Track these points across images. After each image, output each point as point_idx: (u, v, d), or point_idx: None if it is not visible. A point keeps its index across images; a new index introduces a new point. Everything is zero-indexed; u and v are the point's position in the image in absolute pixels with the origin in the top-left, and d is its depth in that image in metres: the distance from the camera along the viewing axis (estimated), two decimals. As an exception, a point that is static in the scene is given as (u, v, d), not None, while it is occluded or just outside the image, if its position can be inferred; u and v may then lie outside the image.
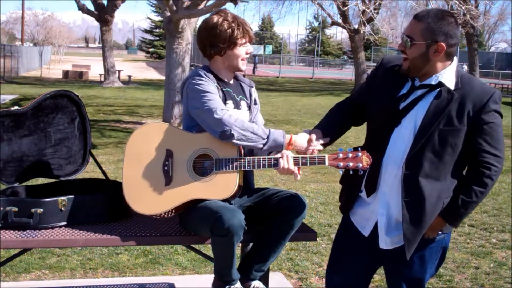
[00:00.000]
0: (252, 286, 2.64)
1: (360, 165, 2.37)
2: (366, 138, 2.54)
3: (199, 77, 2.61)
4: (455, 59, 2.38)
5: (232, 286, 2.56)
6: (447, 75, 2.33)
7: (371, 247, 2.49)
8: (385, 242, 2.45)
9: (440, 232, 2.45)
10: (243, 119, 2.53)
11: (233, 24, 2.64)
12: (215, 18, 2.66)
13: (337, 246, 2.64)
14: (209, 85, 2.60)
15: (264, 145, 2.49)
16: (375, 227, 2.47)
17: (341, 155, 2.41)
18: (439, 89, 2.32)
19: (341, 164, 2.40)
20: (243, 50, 2.69)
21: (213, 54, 2.68)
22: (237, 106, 2.73)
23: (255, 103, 2.85)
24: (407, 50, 2.31)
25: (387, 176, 2.39)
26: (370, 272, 2.63)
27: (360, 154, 2.37)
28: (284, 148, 2.52)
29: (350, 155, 2.39)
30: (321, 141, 2.50)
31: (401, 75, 2.39)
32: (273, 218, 2.59)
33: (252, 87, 2.88)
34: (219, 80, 2.71)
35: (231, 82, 2.78)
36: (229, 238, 2.39)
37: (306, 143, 2.50)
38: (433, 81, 2.33)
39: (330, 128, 2.56)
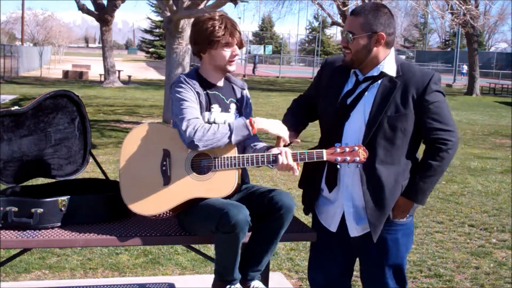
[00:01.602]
0: (251, 286, 2.63)
1: (357, 158, 2.42)
2: (321, 136, 2.67)
3: (179, 83, 2.61)
4: (393, 48, 2.53)
5: (233, 286, 2.54)
6: (388, 64, 2.48)
7: (342, 241, 2.62)
8: (356, 230, 2.58)
9: (408, 215, 2.59)
10: (203, 124, 2.50)
11: (216, 22, 2.59)
12: (202, 17, 2.64)
13: (313, 245, 2.78)
14: (187, 92, 2.58)
15: (230, 137, 2.49)
16: (342, 221, 2.59)
17: (338, 150, 2.45)
18: (382, 79, 2.46)
19: (339, 158, 2.44)
20: (228, 52, 2.64)
21: (197, 52, 2.67)
22: (225, 109, 2.70)
23: (247, 105, 2.82)
24: (350, 45, 2.45)
25: (347, 169, 2.52)
26: (349, 265, 2.76)
27: (356, 148, 2.42)
28: (250, 131, 2.52)
29: (347, 149, 2.43)
30: (289, 141, 2.62)
31: (345, 73, 2.55)
32: (264, 218, 2.54)
33: (244, 89, 2.83)
34: (206, 83, 2.68)
35: (221, 84, 2.74)
36: (235, 235, 2.37)
37: (271, 126, 2.55)
38: (375, 72, 2.48)
39: (298, 125, 2.71)
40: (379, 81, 2.47)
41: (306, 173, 2.73)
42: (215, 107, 2.67)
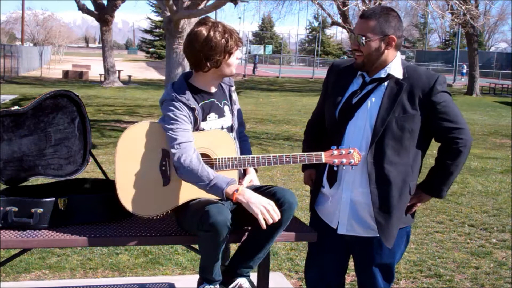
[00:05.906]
0: (236, 282, 2.60)
1: (353, 161, 2.49)
2: (325, 134, 2.71)
3: (172, 101, 2.56)
4: (399, 52, 2.58)
5: (207, 286, 2.53)
6: (395, 66, 2.53)
7: (339, 237, 2.66)
8: (346, 228, 2.62)
9: (404, 224, 2.66)
10: (191, 157, 2.45)
11: (225, 35, 2.57)
12: (204, 30, 2.55)
13: (310, 242, 2.82)
14: (180, 111, 2.54)
15: (205, 188, 2.44)
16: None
17: (335, 152, 2.51)
18: (388, 81, 2.52)
19: (336, 160, 2.50)
20: (234, 57, 2.64)
21: (211, 67, 2.59)
22: (221, 114, 2.68)
23: (235, 104, 2.80)
24: (362, 48, 2.49)
25: (348, 167, 2.55)
26: (344, 261, 2.82)
27: (351, 151, 2.49)
28: (227, 197, 2.40)
29: (344, 151, 2.50)
30: None
31: (351, 74, 2.60)
32: None
33: (231, 86, 2.80)
34: (201, 93, 2.64)
35: (215, 89, 2.70)
36: (213, 234, 2.36)
37: (249, 207, 2.38)
38: (382, 74, 2.53)
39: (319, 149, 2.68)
40: (386, 83, 2.52)
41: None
42: (212, 116, 2.65)
